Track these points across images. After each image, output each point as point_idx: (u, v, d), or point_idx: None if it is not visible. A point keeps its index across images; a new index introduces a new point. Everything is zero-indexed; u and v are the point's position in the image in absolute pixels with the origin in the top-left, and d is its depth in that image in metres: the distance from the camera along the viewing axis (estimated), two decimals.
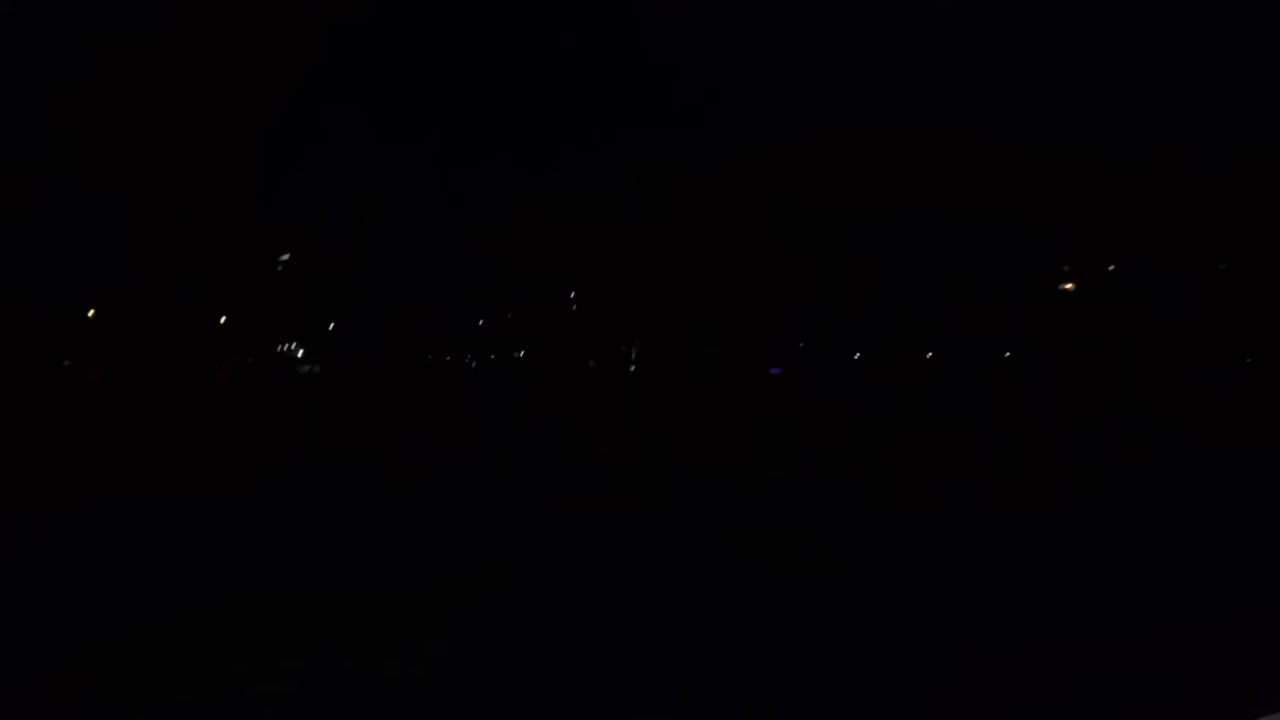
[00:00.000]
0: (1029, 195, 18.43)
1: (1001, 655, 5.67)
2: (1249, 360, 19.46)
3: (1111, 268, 20.11)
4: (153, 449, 12.67)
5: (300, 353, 21.69)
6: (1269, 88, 16.75)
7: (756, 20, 17.38)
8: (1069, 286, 20.39)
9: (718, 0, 17.54)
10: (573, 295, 21.40)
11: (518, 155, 17.89)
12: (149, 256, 17.87)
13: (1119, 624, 6.19)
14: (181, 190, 17.42)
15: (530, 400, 18.50)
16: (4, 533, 8.41)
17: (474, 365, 22.26)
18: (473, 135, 18.21)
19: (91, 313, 17.76)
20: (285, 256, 19.07)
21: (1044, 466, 12.43)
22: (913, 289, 18.94)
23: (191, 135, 17.10)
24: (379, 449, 13.56)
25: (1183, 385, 18.62)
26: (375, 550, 8.16)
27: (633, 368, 21.54)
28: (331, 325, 20.74)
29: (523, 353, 22.13)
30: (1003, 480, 11.29)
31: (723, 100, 17.63)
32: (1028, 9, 17.46)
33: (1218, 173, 17.79)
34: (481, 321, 22.03)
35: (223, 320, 19.23)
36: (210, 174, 17.40)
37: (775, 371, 20.50)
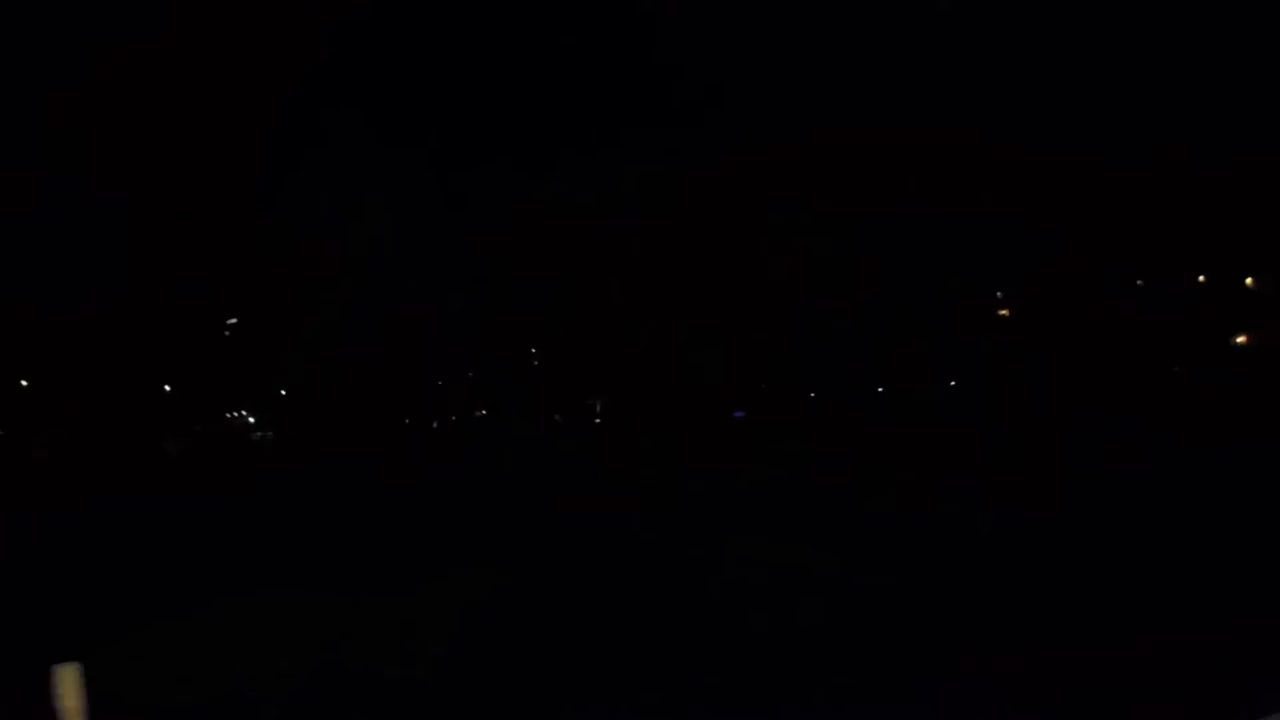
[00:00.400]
0: (1029, 195, 18.39)
1: (1001, 655, 5.66)
2: (1248, 360, 19.44)
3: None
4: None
5: (252, 420, 21.82)
6: (1269, 88, 16.74)
7: (756, 20, 17.37)
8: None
9: (718, 0, 17.53)
10: (535, 352, 21.66)
11: (518, 155, 17.86)
12: (148, 256, 17.88)
13: (1118, 624, 6.18)
14: (181, 190, 17.41)
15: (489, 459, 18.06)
16: (4, 533, 8.42)
17: (435, 426, 22.59)
18: (473, 135, 18.19)
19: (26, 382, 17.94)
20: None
21: (1043, 466, 12.41)
22: (912, 289, 18.90)
23: (191, 135, 17.09)
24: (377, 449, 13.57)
25: (1181, 385, 18.61)
26: (375, 551, 8.17)
27: (598, 420, 21.73)
28: (284, 391, 20.88)
29: (485, 412, 22.41)
30: (1002, 480, 11.27)
31: (723, 100, 17.61)
32: (1028, 9, 17.45)
33: (1218, 173, 17.77)
34: (441, 383, 22.30)
35: (169, 388, 19.37)
36: (210, 174, 17.39)
37: (739, 415, 20.15)
